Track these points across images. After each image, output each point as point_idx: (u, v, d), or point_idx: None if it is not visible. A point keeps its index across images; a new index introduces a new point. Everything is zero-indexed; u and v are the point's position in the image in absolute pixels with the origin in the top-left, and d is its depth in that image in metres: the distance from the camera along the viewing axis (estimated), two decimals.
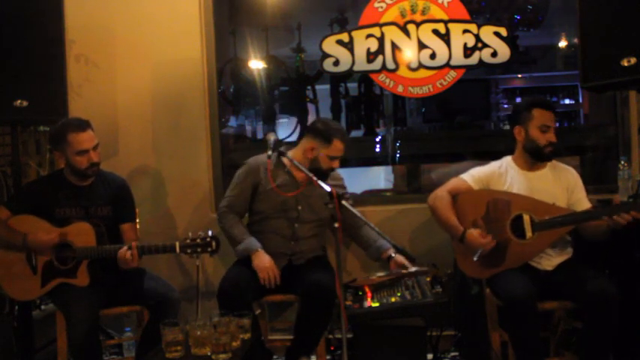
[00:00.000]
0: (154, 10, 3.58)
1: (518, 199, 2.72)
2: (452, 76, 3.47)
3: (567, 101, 7.05)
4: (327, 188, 2.27)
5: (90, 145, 2.75)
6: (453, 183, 2.88)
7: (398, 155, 5.12)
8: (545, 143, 2.75)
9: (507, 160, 2.90)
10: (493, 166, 2.89)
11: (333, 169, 2.97)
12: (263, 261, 2.81)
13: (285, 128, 5.27)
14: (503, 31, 3.43)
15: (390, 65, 3.46)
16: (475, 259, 2.67)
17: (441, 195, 2.83)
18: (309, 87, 5.15)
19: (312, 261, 2.96)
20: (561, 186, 2.80)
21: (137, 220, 3.03)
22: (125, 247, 2.67)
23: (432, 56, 3.44)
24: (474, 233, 2.68)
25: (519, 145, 2.85)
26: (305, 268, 2.88)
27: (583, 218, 2.69)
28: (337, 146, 2.89)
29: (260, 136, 5.38)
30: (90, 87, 3.60)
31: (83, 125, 2.75)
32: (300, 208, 2.94)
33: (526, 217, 2.68)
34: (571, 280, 2.61)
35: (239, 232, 2.91)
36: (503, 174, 2.84)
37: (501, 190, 2.80)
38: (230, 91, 4.93)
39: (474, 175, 2.86)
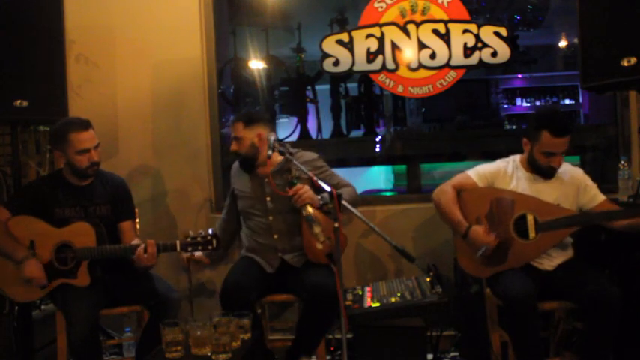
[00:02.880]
0: (154, 10, 3.58)
1: (522, 199, 2.71)
2: (452, 76, 3.47)
3: (567, 101, 7.05)
4: (327, 188, 2.27)
5: (91, 145, 2.75)
6: (458, 178, 2.85)
7: (398, 155, 5.12)
8: (546, 166, 2.70)
9: (515, 159, 2.86)
10: (500, 164, 2.86)
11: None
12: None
13: (285, 128, 5.27)
14: (503, 31, 3.43)
15: (390, 65, 3.46)
16: (479, 255, 2.65)
17: (445, 190, 2.81)
18: (309, 87, 5.15)
19: (311, 262, 2.95)
20: (571, 187, 2.76)
21: (137, 220, 3.04)
22: (142, 247, 2.67)
23: (432, 56, 3.44)
24: (478, 230, 2.66)
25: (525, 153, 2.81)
26: (306, 270, 2.87)
27: (587, 220, 2.68)
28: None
29: None
30: (90, 87, 3.60)
31: (85, 125, 2.76)
32: (268, 199, 2.93)
33: (530, 218, 2.67)
34: (572, 280, 2.61)
35: None
36: (510, 174, 2.81)
37: (506, 189, 2.79)
38: (230, 91, 4.92)
39: (479, 172, 2.83)
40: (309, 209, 2.65)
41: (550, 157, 2.67)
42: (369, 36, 3.46)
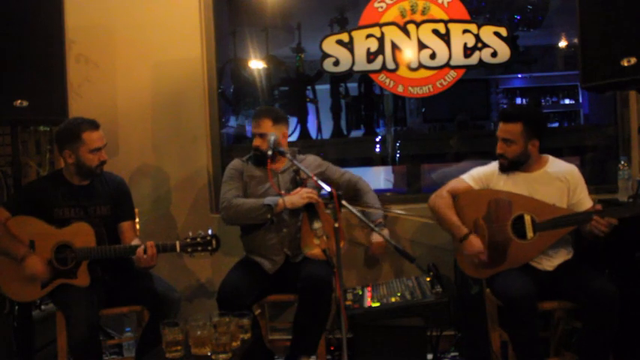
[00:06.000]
0: (154, 11, 3.59)
1: (519, 199, 2.71)
2: (452, 76, 3.47)
3: (567, 101, 7.05)
4: (327, 188, 2.27)
5: (102, 144, 2.80)
6: (453, 183, 2.88)
7: (398, 155, 5.11)
8: (497, 154, 2.78)
9: None
10: (493, 166, 2.89)
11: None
12: (292, 198, 2.82)
13: None
14: (503, 31, 3.43)
15: (390, 65, 3.46)
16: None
17: (441, 195, 2.83)
18: (309, 87, 5.16)
19: (309, 258, 2.95)
20: (561, 186, 2.77)
21: (137, 220, 3.04)
22: (141, 248, 2.67)
23: (432, 56, 3.44)
24: (473, 242, 2.69)
25: None
26: (303, 264, 2.88)
27: (584, 219, 2.68)
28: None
29: None
30: (90, 87, 3.60)
31: (95, 124, 2.80)
32: (284, 193, 2.92)
33: (527, 218, 2.68)
34: (571, 281, 2.61)
35: (253, 200, 2.90)
36: (503, 174, 2.83)
37: (502, 190, 2.79)
38: (230, 91, 4.92)
39: (473, 175, 2.86)
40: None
41: (501, 143, 2.74)
42: (369, 36, 3.46)
